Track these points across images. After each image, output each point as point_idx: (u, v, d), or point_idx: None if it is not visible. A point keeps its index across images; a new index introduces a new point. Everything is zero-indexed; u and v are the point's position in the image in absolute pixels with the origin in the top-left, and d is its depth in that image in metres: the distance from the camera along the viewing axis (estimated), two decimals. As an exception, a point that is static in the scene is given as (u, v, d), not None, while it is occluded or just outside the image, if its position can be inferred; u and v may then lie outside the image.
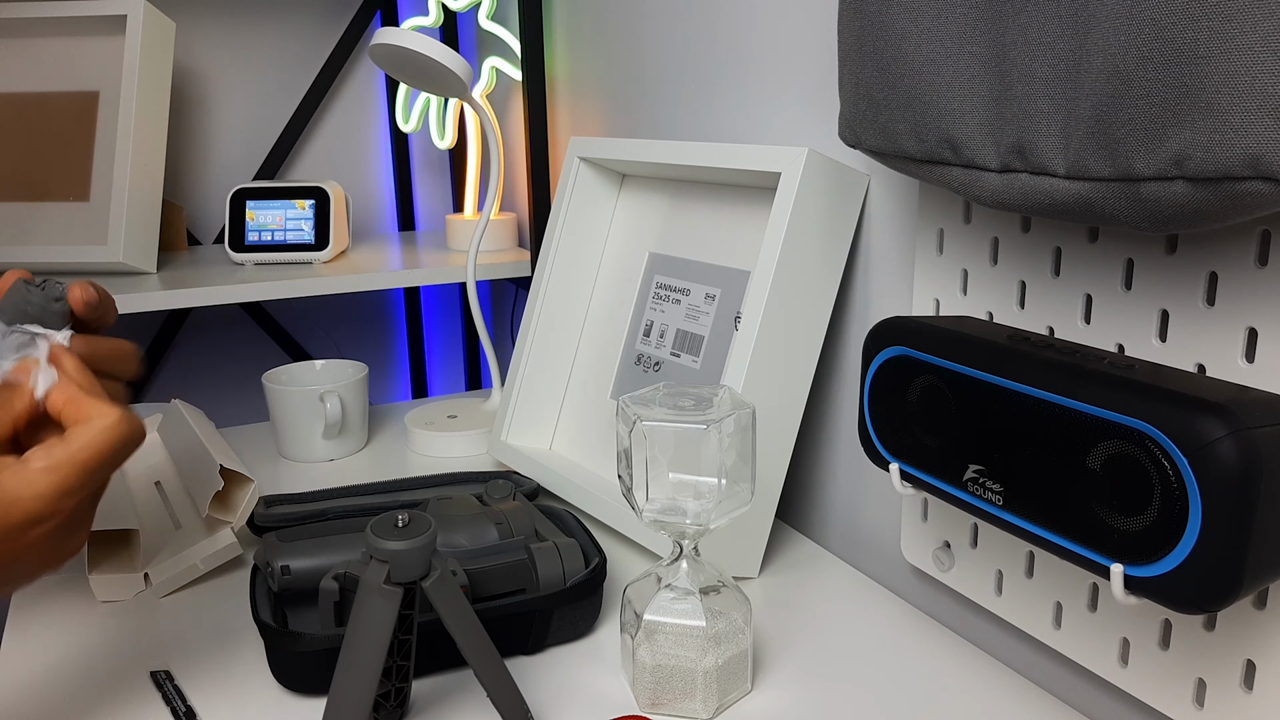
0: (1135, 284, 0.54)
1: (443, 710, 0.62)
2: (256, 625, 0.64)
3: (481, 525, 0.73)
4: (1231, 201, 0.42)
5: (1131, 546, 0.46)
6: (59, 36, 1.25)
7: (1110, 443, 0.46)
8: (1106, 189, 0.46)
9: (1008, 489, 0.52)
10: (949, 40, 0.53)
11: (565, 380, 0.98)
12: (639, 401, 0.59)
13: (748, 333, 0.73)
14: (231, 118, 1.54)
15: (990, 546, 0.65)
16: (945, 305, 0.67)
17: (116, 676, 0.65)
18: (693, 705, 0.60)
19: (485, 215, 1.11)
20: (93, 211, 1.22)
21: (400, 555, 0.53)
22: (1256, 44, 0.39)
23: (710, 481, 0.57)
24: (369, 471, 1.02)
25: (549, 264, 0.95)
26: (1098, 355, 0.51)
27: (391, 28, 0.98)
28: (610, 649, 0.68)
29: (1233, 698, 0.52)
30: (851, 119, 0.61)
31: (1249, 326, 0.49)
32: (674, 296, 0.88)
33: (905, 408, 0.59)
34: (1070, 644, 0.60)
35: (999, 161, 0.52)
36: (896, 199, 0.74)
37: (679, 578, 0.61)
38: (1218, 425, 0.42)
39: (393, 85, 1.58)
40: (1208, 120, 0.41)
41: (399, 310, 1.72)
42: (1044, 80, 0.49)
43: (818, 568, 0.80)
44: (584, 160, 0.95)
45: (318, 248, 1.29)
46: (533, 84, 1.20)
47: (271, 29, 1.53)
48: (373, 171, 1.64)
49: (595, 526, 0.84)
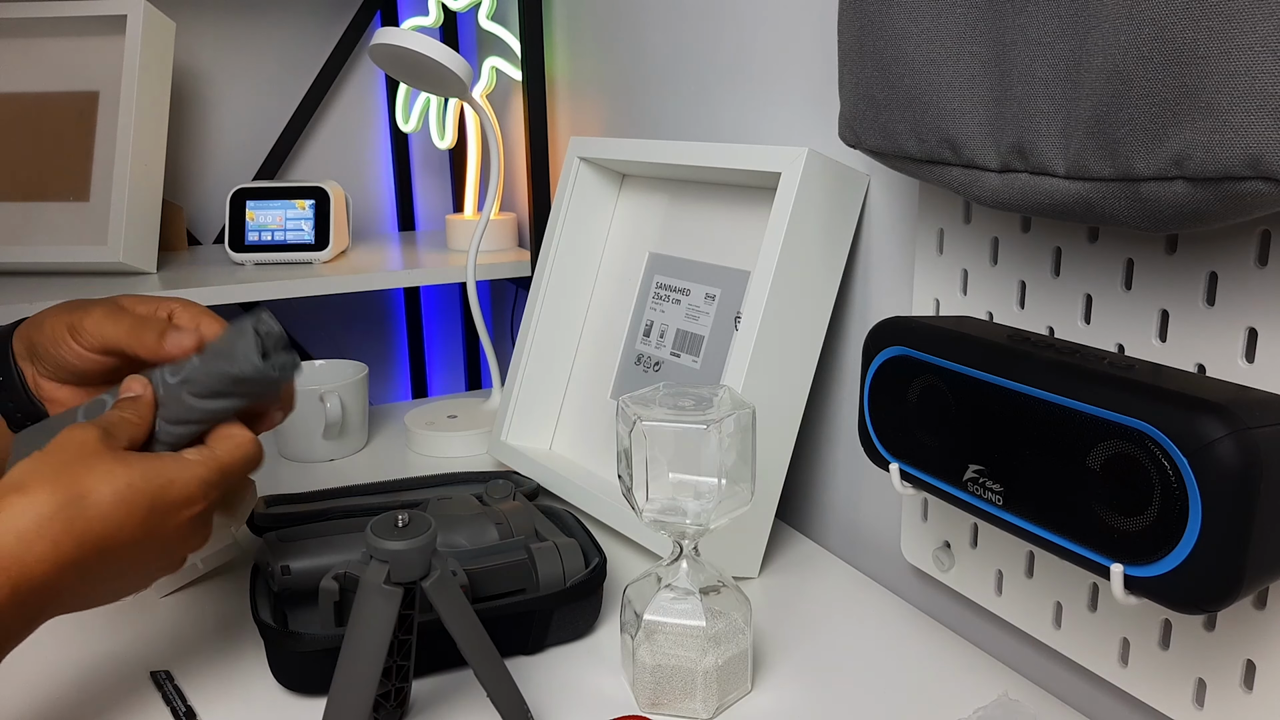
0: (1135, 284, 0.54)
1: (443, 710, 0.62)
2: (256, 625, 0.64)
3: (481, 525, 0.73)
4: (1231, 201, 0.42)
5: (1131, 546, 0.46)
6: (59, 36, 1.25)
7: (1110, 443, 0.46)
8: (1106, 189, 0.46)
9: (1008, 489, 0.52)
10: (949, 40, 0.53)
11: (565, 380, 0.98)
12: (639, 401, 0.59)
13: (748, 333, 0.73)
14: (231, 118, 1.53)
15: (990, 546, 0.65)
16: (945, 305, 0.67)
17: (116, 676, 0.65)
18: (693, 705, 0.60)
19: (485, 215, 1.11)
20: (93, 211, 1.22)
21: (400, 555, 0.53)
22: (1256, 44, 0.39)
23: (710, 481, 0.57)
24: (369, 471, 1.02)
25: (549, 264, 0.95)
26: (1098, 355, 0.51)
27: (391, 28, 0.98)
28: (610, 649, 0.68)
29: (1233, 698, 0.52)
30: (851, 119, 0.61)
31: (1249, 326, 0.49)
32: (674, 296, 0.88)
33: (905, 408, 0.59)
34: (1070, 644, 0.60)
35: (999, 161, 0.52)
36: (896, 199, 0.74)
37: (679, 578, 0.61)
38: (1218, 425, 0.42)
39: (393, 85, 1.58)
40: (1208, 120, 0.41)
41: (399, 310, 1.72)
42: (1044, 80, 0.49)
43: (818, 567, 0.80)
44: (584, 160, 0.95)
45: (318, 248, 1.29)
46: (533, 84, 1.20)
47: (271, 29, 1.53)
48: (373, 171, 1.64)
49: (595, 526, 0.84)
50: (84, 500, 0.50)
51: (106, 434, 0.54)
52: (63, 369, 0.62)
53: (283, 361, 0.58)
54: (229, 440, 0.58)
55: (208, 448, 0.57)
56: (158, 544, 0.54)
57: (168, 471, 0.54)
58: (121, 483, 0.52)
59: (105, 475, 0.51)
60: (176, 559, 0.57)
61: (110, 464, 0.52)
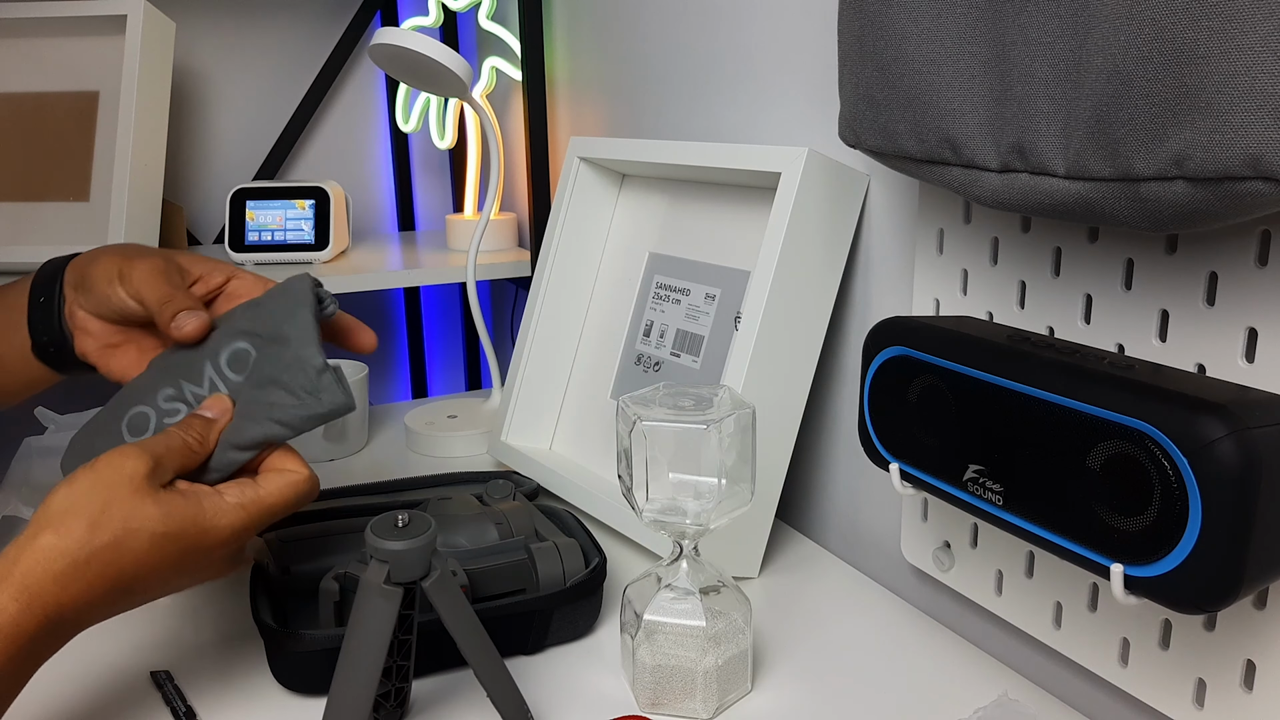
0: (1135, 284, 0.54)
1: (443, 710, 0.62)
2: (256, 625, 0.64)
3: (481, 525, 0.73)
4: (1231, 201, 0.42)
5: (1131, 546, 0.46)
6: (59, 36, 1.25)
7: (1110, 443, 0.46)
8: (1106, 189, 0.46)
9: (1008, 489, 0.52)
10: (949, 40, 0.53)
11: (565, 380, 0.98)
12: (639, 401, 0.59)
13: (748, 333, 0.73)
14: (231, 118, 1.53)
15: (990, 546, 0.65)
16: (945, 305, 0.67)
17: (116, 676, 0.65)
18: (693, 705, 0.60)
19: (485, 215, 1.11)
20: (92, 211, 1.22)
21: (400, 555, 0.53)
22: (1256, 44, 0.39)
23: (710, 481, 0.57)
24: (369, 471, 1.02)
25: (549, 264, 0.95)
26: (1098, 355, 0.51)
27: (391, 28, 0.98)
28: (610, 649, 0.68)
29: (1233, 698, 0.52)
30: (851, 119, 0.61)
31: (1249, 326, 0.49)
32: (674, 296, 0.88)
33: (905, 408, 0.59)
34: (1070, 644, 0.60)
35: (999, 161, 0.52)
36: (896, 199, 0.74)
37: (679, 578, 0.61)
38: (1218, 425, 0.42)
39: (393, 85, 1.58)
40: (1208, 120, 0.41)
41: (399, 310, 1.72)
42: (1044, 80, 0.49)
43: (818, 568, 0.80)
44: (584, 160, 0.95)
45: (318, 248, 1.29)
46: (533, 84, 1.20)
47: (271, 29, 1.53)
48: (373, 171, 1.64)
49: (595, 526, 0.84)
50: (120, 546, 0.52)
51: (155, 468, 0.55)
52: (104, 306, 0.64)
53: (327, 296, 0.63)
54: (280, 478, 0.58)
55: (254, 486, 0.57)
56: (187, 578, 0.56)
57: (205, 519, 0.55)
58: (159, 529, 0.53)
59: (144, 519, 0.53)
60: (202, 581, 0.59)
61: (150, 507, 0.53)
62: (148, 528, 0.52)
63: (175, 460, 0.56)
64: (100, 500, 0.52)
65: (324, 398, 0.60)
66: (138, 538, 0.52)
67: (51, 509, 0.52)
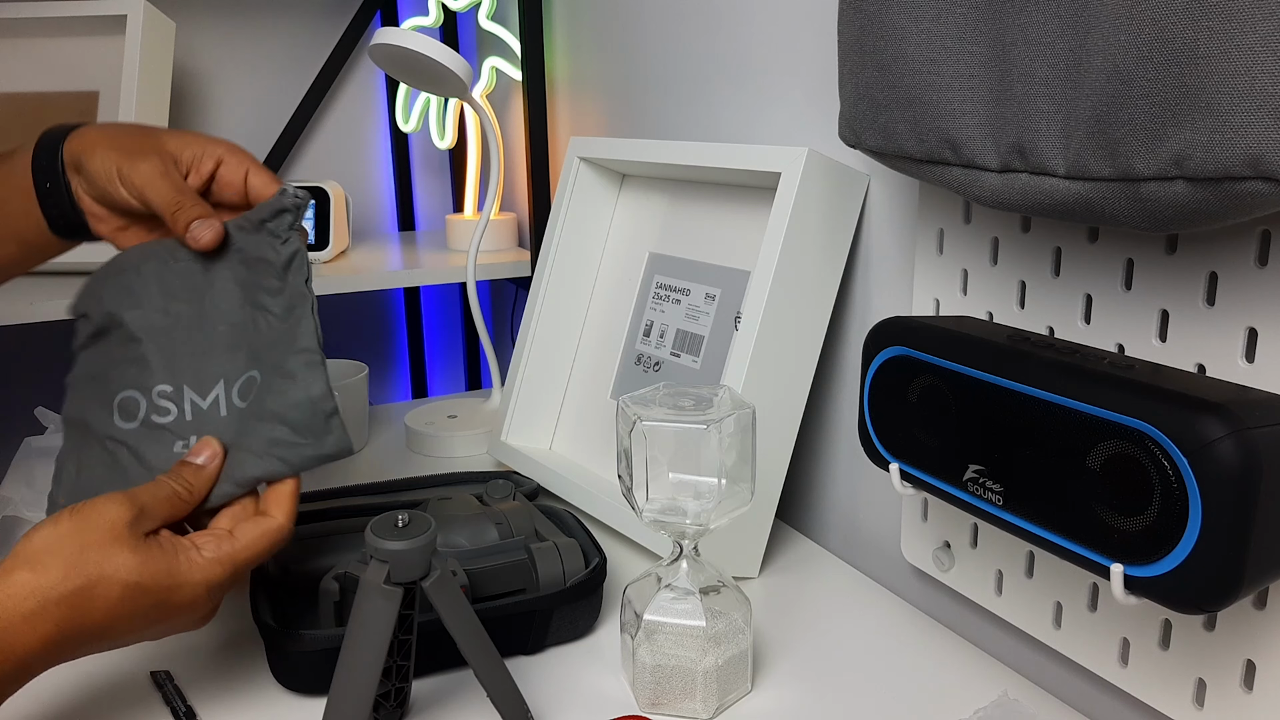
0: (1135, 284, 0.54)
1: (443, 710, 0.62)
2: (256, 625, 0.64)
3: (481, 525, 0.73)
4: (1231, 201, 0.42)
5: (1131, 546, 0.46)
6: (59, 36, 1.25)
7: (1110, 443, 0.46)
8: (1106, 189, 0.46)
9: (1008, 489, 0.52)
10: (949, 40, 0.53)
11: (565, 380, 0.98)
12: (639, 401, 0.59)
13: (748, 333, 0.73)
14: (231, 118, 1.53)
15: (990, 546, 0.65)
16: (945, 305, 0.67)
17: (116, 676, 0.65)
18: (693, 705, 0.60)
19: (485, 215, 1.11)
20: (93, 211, 1.22)
21: (400, 555, 0.53)
22: (1256, 44, 0.39)
23: (710, 481, 0.57)
24: (369, 471, 1.02)
25: (549, 264, 0.95)
26: (1098, 355, 0.51)
27: (391, 28, 0.98)
28: (610, 649, 0.68)
29: (1233, 698, 0.52)
30: (851, 119, 0.61)
31: (1249, 326, 0.49)
32: (674, 296, 0.88)
33: (905, 408, 0.59)
34: (1070, 644, 0.60)
35: (999, 161, 0.52)
36: (896, 199, 0.74)
37: (679, 578, 0.61)
38: (1218, 425, 0.42)
39: (393, 85, 1.58)
40: (1208, 120, 0.41)
41: (399, 310, 1.72)
42: (1044, 80, 0.49)
43: (818, 568, 0.80)
44: (584, 160, 0.95)
45: (318, 248, 1.29)
46: (533, 84, 1.20)
47: (271, 29, 1.53)
48: (373, 171, 1.64)
49: (595, 526, 0.84)
50: (92, 591, 0.52)
51: (139, 516, 0.55)
52: (106, 201, 0.65)
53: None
54: (255, 528, 0.58)
55: (230, 540, 0.57)
56: (159, 628, 0.56)
57: (179, 572, 0.55)
58: (133, 579, 0.53)
59: (117, 567, 0.53)
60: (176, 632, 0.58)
61: (127, 556, 0.53)
62: (120, 576, 0.52)
63: (162, 510, 0.57)
64: (78, 544, 0.52)
65: (328, 440, 0.62)
66: (109, 585, 0.52)
67: (31, 546, 0.52)
